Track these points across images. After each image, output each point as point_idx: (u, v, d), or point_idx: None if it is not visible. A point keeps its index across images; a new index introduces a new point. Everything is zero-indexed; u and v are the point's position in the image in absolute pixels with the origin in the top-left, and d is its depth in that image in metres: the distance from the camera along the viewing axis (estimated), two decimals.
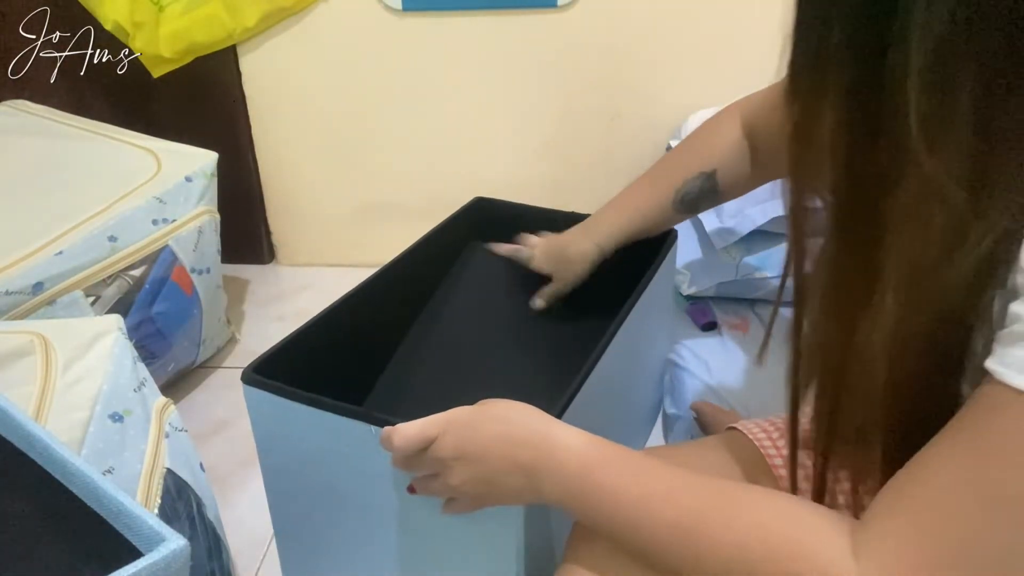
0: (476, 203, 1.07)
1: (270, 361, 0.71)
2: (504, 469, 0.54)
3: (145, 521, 0.45)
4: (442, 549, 0.68)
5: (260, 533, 1.05)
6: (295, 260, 1.78)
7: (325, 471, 0.70)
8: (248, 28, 1.47)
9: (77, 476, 0.48)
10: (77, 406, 0.72)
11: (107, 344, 0.78)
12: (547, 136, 1.59)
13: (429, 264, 0.98)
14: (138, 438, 0.75)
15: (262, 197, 1.71)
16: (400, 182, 1.66)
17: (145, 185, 1.22)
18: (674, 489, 0.49)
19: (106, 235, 1.12)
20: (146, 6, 1.41)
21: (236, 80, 1.56)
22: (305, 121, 1.61)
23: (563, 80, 1.53)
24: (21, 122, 1.41)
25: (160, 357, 1.23)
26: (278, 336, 0.74)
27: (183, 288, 1.23)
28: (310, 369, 0.72)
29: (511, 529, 0.63)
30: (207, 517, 0.81)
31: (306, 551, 0.79)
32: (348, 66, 1.54)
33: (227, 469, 1.16)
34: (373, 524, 0.70)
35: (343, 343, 0.82)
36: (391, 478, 0.65)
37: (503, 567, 0.65)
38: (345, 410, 0.64)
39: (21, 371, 0.73)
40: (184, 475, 0.78)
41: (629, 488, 0.50)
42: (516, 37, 1.49)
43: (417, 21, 1.49)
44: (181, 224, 1.23)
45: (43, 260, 1.05)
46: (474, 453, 0.55)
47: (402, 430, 0.58)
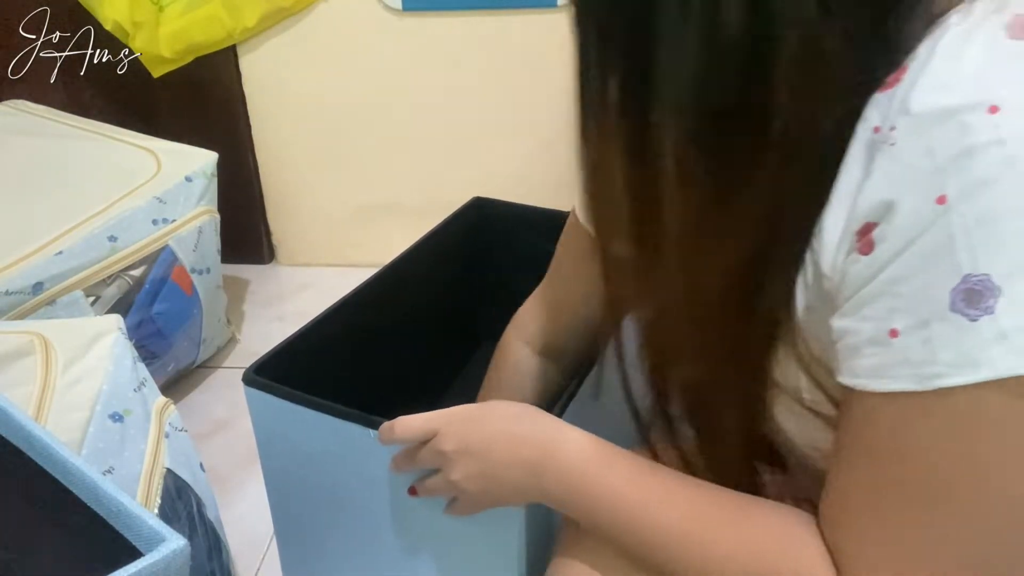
0: (475, 203, 1.07)
1: (271, 362, 0.71)
2: (507, 464, 0.54)
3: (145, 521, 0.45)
4: (443, 550, 0.68)
5: (260, 533, 1.05)
6: (295, 260, 1.78)
7: (326, 472, 0.70)
8: (248, 28, 1.47)
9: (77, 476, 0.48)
10: (77, 406, 0.72)
11: (107, 344, 0.78)
12: (547, 136, 1.59)
13: (429, 265, 0.98)
14: (138, 438, 0.75)
15: (262, 197, 1.71)
16: (400, 182, 1.66)
17: (145, 185, 1.22)
18: (674, 494, 0.50)
19: (106, 235, 1.12)
20: (146, 6, 1.41)
21: (236, 80, 1.56)
22: (305, 121, 1.61)
23: (563, 80, 1.53)
24: (21, 122, 1.41)
25: (160, 357, 1.23)
26: (278, 336, 0.74)
27: (183, 288, 1.23)
28: (311, 369, 0.72)
29: (512, 530, 0.63)
30: (207, 517, 0.81)
31: (307, 552, 0.79)
32: (348, 66, 1.54)
33: (227, 469, 1.16)
34: (374, 525, 0.70)
35: (344, 343, 0.82)
36: (392, 480, 0.65)
37: (504, 568, 0.65)
38: (345, 413, 0.64)
39: (21, 371, 0.73)
40: (184, 475, 0.78)
41: (631, 490, 0.50)
42: (516, 37, 1.49)
43: (417, 21, 1.49)
44: (181, 224, 1.23)
45: (43, 260, 1.05)
46: (477, 447, 0.55)
47: (405, 421, 0.58)
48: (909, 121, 0.36)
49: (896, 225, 0.37)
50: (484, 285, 1.11)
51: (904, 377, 0.37)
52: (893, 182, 0.37)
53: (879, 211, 0.37)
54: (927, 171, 0.35)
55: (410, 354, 0.99)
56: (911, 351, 0.37)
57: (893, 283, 0.37)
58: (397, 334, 0.95)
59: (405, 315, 0.96)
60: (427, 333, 1.04)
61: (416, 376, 1.01)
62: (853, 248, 0.39)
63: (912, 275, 0.37)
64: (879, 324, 0.38)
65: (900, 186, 0.36)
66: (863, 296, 0.39)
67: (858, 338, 0.39)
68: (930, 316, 0.36)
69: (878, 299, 0.38)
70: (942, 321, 0.36)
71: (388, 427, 0.59)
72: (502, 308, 0.96)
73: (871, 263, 0.38)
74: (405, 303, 0.95)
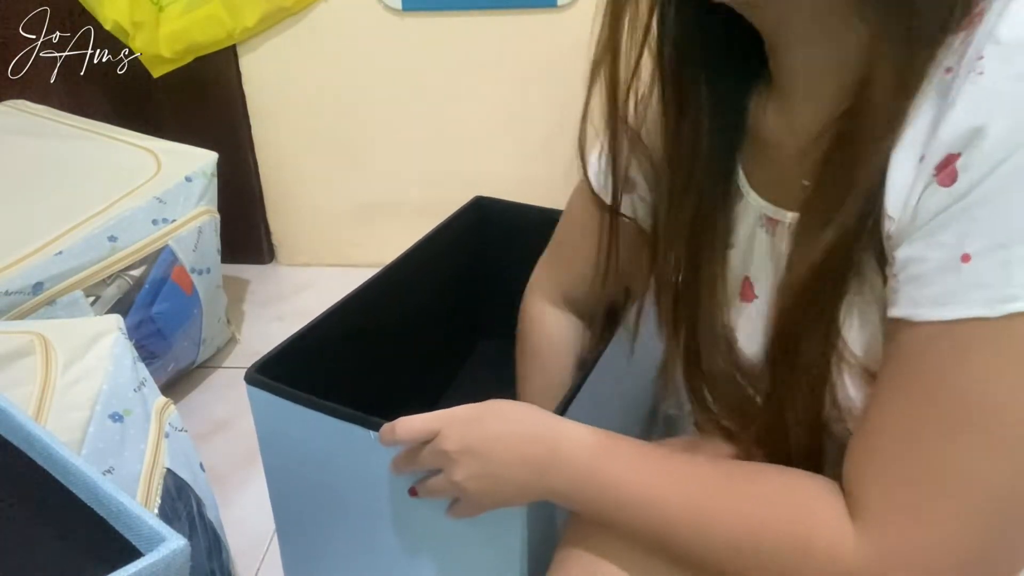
0: (475, 203, 1.07)
1: (273, 361, 0.71)
2: (510, 462, 0.54)
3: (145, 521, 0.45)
4: (443, 550, 0.68)
5: (260, 533, 1.05)
6: (295, 260, 1.78)
7: (327, 472, 0.70)
8: (248, 28, 1.47)
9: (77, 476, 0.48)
10: (77, 406, 0.72)
11: (107, 344, 0.78)
12: (547, 136, 1.59)
13: (429, 265, 0.98)
14: (138, 438, 0.75)
15: (262, 197, 1.71)
16: (400, 182, 1.66)
17: (145, 185, 1.22)
18: (681, 470, 0.50)
19: (106, 235, 1.12)
20: (146, 6, 1.41)
21: (236, 80, 1.56)
22: (305, 121, 1.61)
23: (563, 80, 1.52)
24: (21, 122, 1.41)
25: (160, 357, 1.23)
26: (278, 336, 0.74)
27: (183, 288, 1.23)
28: (313, 369, 0.73)
29: (513, 530, 0.63)
30: (207, 517, 0.81)
31: (307, 551, 0.79)
32: (348, 66, 1.54)
33: (227, 469, 1.16)
34: (374, 525, 0.70)
35: (345, 343, 0.82)
36: (393, 480, 0.65)
37: (505, 568, 0.65)
38: (345, 414, 0.64)
39: (21, 371, 0.73)
40: (184, 475, 0.78)
41: (638, 471, 0.50)
42: (516, 37, 1.49)
43: (417, 21, 1.49)
44: (181, 224, 1.23)
45: (43, 260, 1.05)
46: (480, 447, 0.55)
47: (405, 422, 0.58)
48: (998, 50, 0.36)
49: (983, 150, 0.36)
50: (484, 285, 1.11)
51: (974, 302, 0.37)
52: (981, 108, 0.37)
53: (964, 139, 0.37)
54: (1018, 95, 0.36)
55: (410, 353, 0.99)
56: (985, 275, 0.36)
57: (973, 207, 0.37)
58: (397, 334, 0.95)
59: (405, 315, 0.96)
60: (427, 333, 1.04)
61: (416, 375, 1.01)
62: (931, 182, 0.38)
63: (994, 198, 0.36)
64: (951, 251, 0.37)
65: (989, 112, 0.36)
66: (935, 223, 0.38)
67: (924, 266, 0.39)
68: (1010, 240, 0.36)
69: (952, 224, 0.37)
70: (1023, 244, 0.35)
71: (389, 428, 0.59)
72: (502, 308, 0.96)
73: (952, 194, 0.37)
74: (405, 303, 0.95)
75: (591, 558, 0.55)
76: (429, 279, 1.00)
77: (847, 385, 0.47)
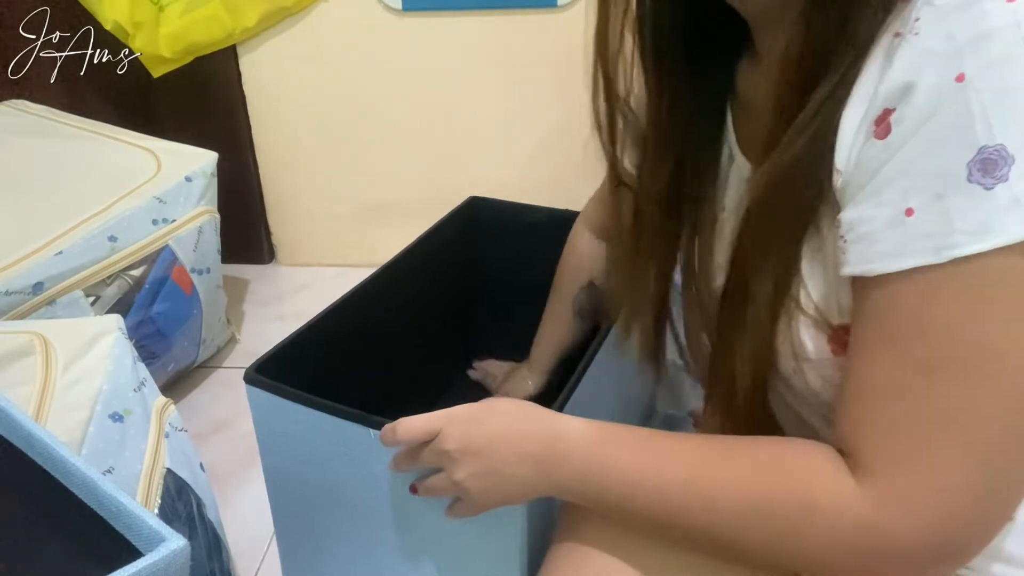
0: (470, 202, 1.07)
1: (272, 361, 0.71)
2: (511, 460, 0.54)
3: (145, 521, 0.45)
4: (443, 549, 0.68)
5: (260, 533, 1.05)
6: (295, 260, 1.78)
7: (327, 471, 0.70)
8: (248, 28, 1.47)
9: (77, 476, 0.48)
10: (77, 406, 0.72)
11: (107, 344, 0.78)
12: (546, 136, 1.59)
13: (425, 263, 0.99)
14: (138, 438, 0.75)
15: (262, 197, 1.71)
16: (400, 182, 1.66)
17: (145, 185, 1.22)
18: (682, 448, 0.50)
19: (106, 235, 1.12)
20: (146, 6, 1.41)
21: (236, 80, 1.57)
22: (305, 121, 1.61)
23: (563, 80, 1.53)
24: (21, 122, 1.41)
25: (160, 357, 1.23)
26: (278, 336, 0.74)
27: (183, 288, 1.23)
28: (312, 368, 0.73)
29: (512, 529, 0.63)
30: (207, 517, 0.81)
31: (307, 551, 0.79)
32: (348, 66, 1.54)
33: (227, 469, 1.16)
34: (374, 524, 0.70)
35: (344, 342, 0.82)
36: (393, 479, 0.65)
37: (505, 566, 0.65)
38: (345, 413, 0.64)
39: (21, 371, 0.73)
40: (184, 475, 0.78)
41: (639, 454, 0.51)
42: (516, 37, 1.49)
43: (417, 21, 1.49)
44: (181, 224, 1.23)
45: (43, 260, 1.05)
46: (480, 445, 0.55)
47: (406, 422, 0.58)
48: (932, 11, 0.39)
49: (914, 105, 0.38)
50: (481, 283, 1.11)
51: (921, 251, 0.39)
52: (914, 66, 0.39)
53: (898, 94, 0.39)
54: (947, 53, 0.38)
55: (409, 352, 0.99)
56: (928, 225, 0.38)
57: (909, 163, 0.39)
58: (395, 332, 0.95)
59: (403, 313, 0.96)
60: (425, 331, 1.04)
61: (415, 374, 1.02)
62: (870, 135, 0.40)
63: (928, 152, 0.38)
64: (895, 207, 0.39)
65: (920, 68, 0.38)
66: (878, 182, 0.40)
67: (873, 225, 0.40)
68: (946, 190, 0.38)
69: (894, 182, 0.39)
70: (958, 193, 0.37)
71: (390, 429, 0.59)
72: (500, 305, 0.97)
73: (887, 146, 0.39)
74: (403, 302, 0.95)
75: (584, 550, 0.55)
76: (425, 278, 1.00)
77: (801, 333, 0.48)
